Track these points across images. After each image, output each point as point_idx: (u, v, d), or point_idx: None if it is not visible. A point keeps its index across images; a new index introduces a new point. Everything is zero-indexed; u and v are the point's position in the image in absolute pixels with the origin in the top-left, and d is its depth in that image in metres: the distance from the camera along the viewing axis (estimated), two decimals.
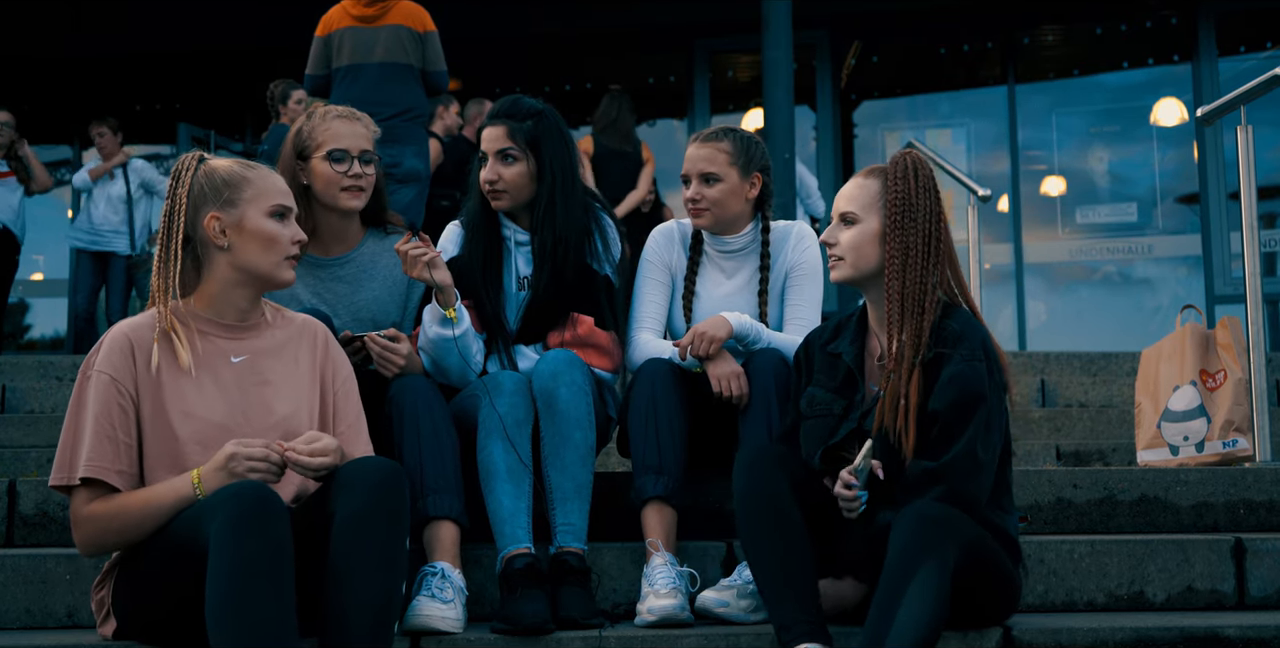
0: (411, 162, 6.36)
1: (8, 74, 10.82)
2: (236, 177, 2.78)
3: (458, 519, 3.07)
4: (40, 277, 11.24)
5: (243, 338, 2.80)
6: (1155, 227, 10.56)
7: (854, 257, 2.92)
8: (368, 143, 3.42)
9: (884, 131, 11.18)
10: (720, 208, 3.44)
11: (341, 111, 3.46)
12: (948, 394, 2.75)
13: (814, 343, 3.05)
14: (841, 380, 2.94)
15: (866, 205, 2.92)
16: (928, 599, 2.52)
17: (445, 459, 3.11)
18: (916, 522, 2.62)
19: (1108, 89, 10.97)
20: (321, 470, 2.61)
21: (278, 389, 2.78)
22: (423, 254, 3.15)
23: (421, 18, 6.43)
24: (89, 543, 2.67)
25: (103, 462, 2.63)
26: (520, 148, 3.39)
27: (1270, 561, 3.25)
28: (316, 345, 2.89)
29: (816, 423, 2.93)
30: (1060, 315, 10.83)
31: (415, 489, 3.04)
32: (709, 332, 3.25)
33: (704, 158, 3.44)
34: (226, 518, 2.41)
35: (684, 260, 3.54)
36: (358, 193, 3.39)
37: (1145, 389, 4.50)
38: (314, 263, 3.44)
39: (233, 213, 2.75)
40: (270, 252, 2.76)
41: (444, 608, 2.87)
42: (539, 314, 3.41)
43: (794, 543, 2.74)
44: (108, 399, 2.66)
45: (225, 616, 2.36)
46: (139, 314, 2.80)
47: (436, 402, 3.19)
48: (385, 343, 3.22)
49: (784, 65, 7.55)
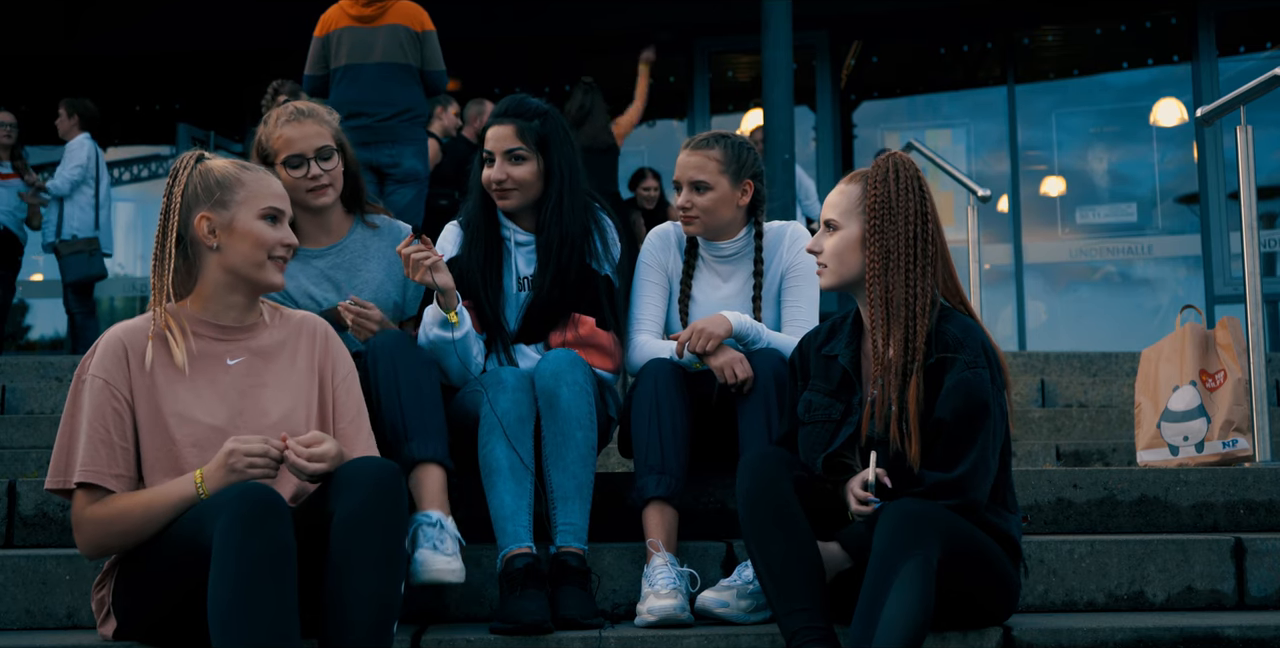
0: (411, 162, 6.36)
1: (7, 74, 10.82)
2: (230, 178, 2.77)
3: (443, 462, 3.09)
4: (40, 277, 11.24)
5: (239, 340, 2.79)
6: (1155, 227, 10.56)
7: (835, 263, 2.91)
8: (321, 138, 3.38)
9: (884, 132, 11.19)
10: (710, 216, 3.43)
11: (290, 115, 3.41)
12: (953, 403, 2.73)
13: (808, 346, 3.03)
14: (838, 383, 2.92)
15: (847, 211, 2.91)
16: (912, 596, 2.52)
17: (424, 403, 3.12)
18: (897, 520, 2.61)
19: (1108, 89, 10.97)
20: (316, 475, 2.61)
21: (274, 391, 2.78)
22: (425, 257, 3.15)
23: (420, 17, 6.43)
24: (91, 545, 2.67)
25: (97, 466, 2.63)
26: (529, 147, 3.39)
27: (1270, 561, 3.25)
28: (316, 343, 2.88)
29: (815, 429, 2.91)
30: (1060, 316, 10.83)
31: (397, 436, 3.03)
32: (708, 328, 3.25)
33: (694, 166, 3.43)
34: (231, 519, 2.41)
35: (680, 264, 3.54)
36: (324, 190, 3.40)
37: (1145, 389, 4.50)
38: (308, 255, 3.45)
39: (224, 214, 2.74)
40: (258, 253, 2.75)
41: (449, 561, 2.92)
42: (540, 314, 3.41)
43: (800, 545, 2.74)
44: (102, 403, 2.65)
45: (229, 617, 2.35)
46: (135, 317, 2.80)
47: (411, 348, 3.20)
48: (358, 310, 3.25)
49: (784, 65, 7.55)
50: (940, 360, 2.77)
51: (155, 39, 10.72)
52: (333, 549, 2.52)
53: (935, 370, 2.77)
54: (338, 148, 3.42)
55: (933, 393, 2.76)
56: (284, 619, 2.38)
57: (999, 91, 10.91)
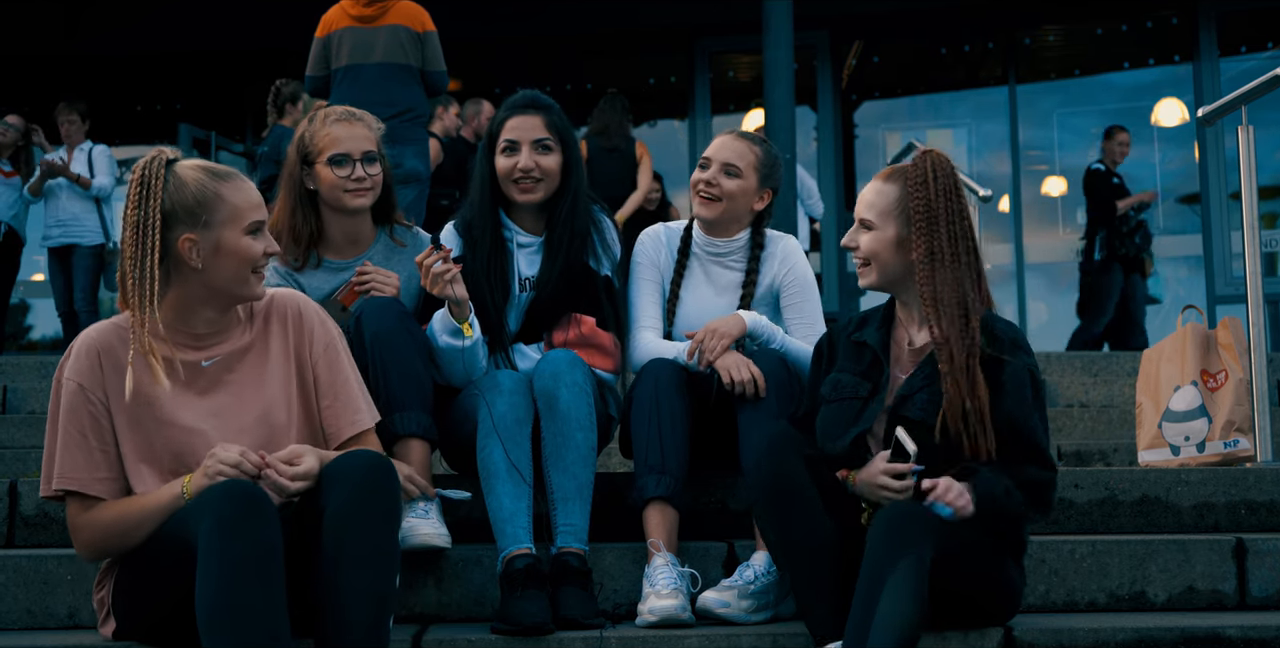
0: (412, 162, 6.36)
1: (8, 74, 10.82)
2: (209, 194, 2.64)
3: (425, 435, 3.13)
4: (41, 277, 11.23)
5: (212, 343, 2.74)
6: (1156, 226, 10.56)
7: (877, 263, 2.92)
8: (369, 143, 3.42)
9: (885, 132, 11.19)
10: (730, 202, 3.43)
11: (341, 114, 3.45)
12: (1017, 396, 2.77)
13: (838, 333, 3.05)
14: (867, 365, 2.94)
15: (885, 212, 2.91)
16: (905, 595, 2.51)
17: (410, 375, 3.14)
18: (888, 520, 2.62)
19: (1109, 89, 10.98)
20: (295, 495, 2.58)
21: (253, 387, 2.75)
22: (445, 271, 3.16)
23: (421, 18, 6.42)
24: (89, 549, 2.67)
25: (76, 472, 2.62)
26: (555, 138, 3.40)
27: (1271, 561, 3.25)
28: (288, 325, 2.80)
29: (841, 406, 2.91)
30: (1061, 315, 10.83)
31: (383, 409, 3.02)
32: (720, 328, 3.26)
33: (735, 151, 3.44)
34: (214, 520, 2.40)
35: (671, 263, 3.54)
36: (363, 193, 3.40)
37: (1146, 389, 4.49)
38: (333, 267, 3.45)
39: (208, 235, 2.63)
40: (243, 270, 2.68)
41: (437, 525, 3.04)
42: (542, 314, 3.41)
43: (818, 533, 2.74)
44: (77, 407, 2.63)
45: (216, 619, 2.35)
46: (106, 319, 2.75)
47: (404, 318, 3.22)
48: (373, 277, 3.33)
49: (785, 65, 7.55)
50: (995, 358, 2.80)
51: (155, 39, 10.72)
52: (325, 545, 2.50)
53: (989, 366, 2.79)
54: (380, 158, 3.43)
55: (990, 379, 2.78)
56: (271, 620, 2.36)
57: (1000, 91, 10.92)
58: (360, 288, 3.35)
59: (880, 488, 2.73)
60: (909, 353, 2.92)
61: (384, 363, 3.14)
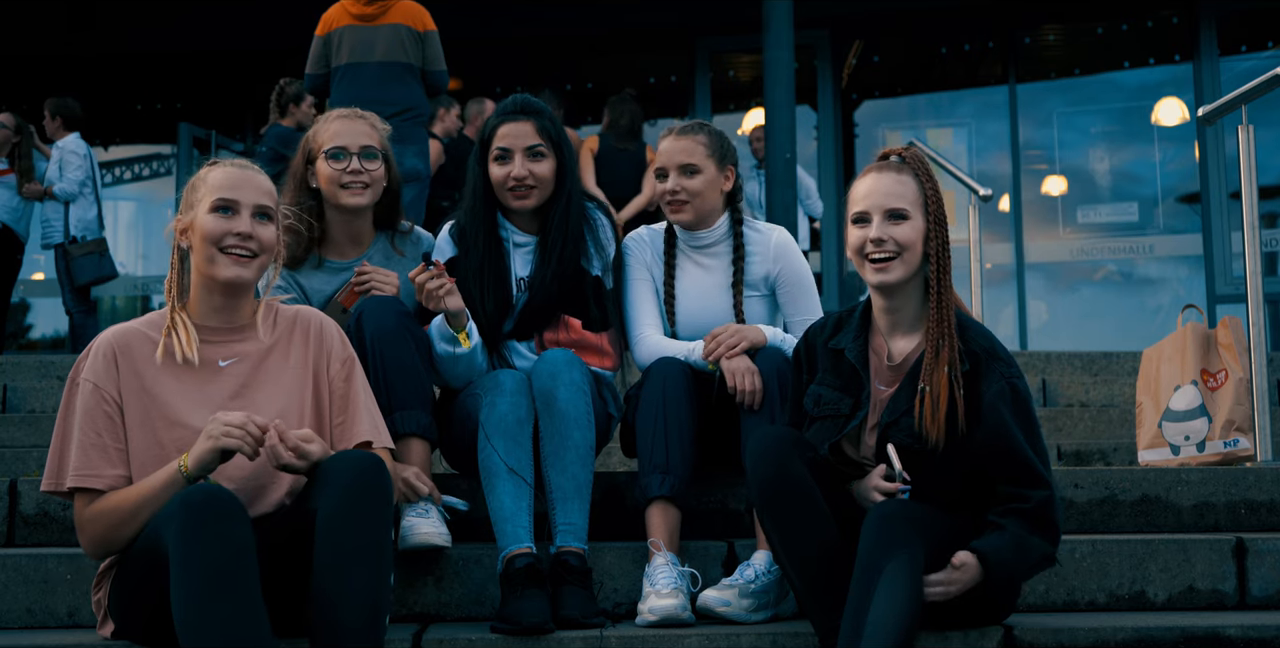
0: (412, 161, 6.35)
1: (8, 74, 10.82)
2: (198, 179, 2.79)
3: (425, 435, 3.15)
4: (41, 277, 11.24)
5: (230, 342, 2.78)
6: (1156, 226, 10.56)
7: (911, 256, 2.80)
8: (368, 139, 3.41)
9: (885, 131, 11.19)
10: (700, 200, 3.44)
11: (344, 112, 3.47)
12: (995, 419, 2.70)
13: (815, 338, 2.99)
14: (847, 378, 2.89)
15: (914, 202, 2.83)
16: (899, 594, 2.51)
17: (409, 375, 3.15)
18: (879, 520, 2.61)
19: (1109, 88, 10.97)
20: (290, 465, 2.57)
21: (268, 392, 2.77)
22: (439, 287, 3.16)
23: (421, 17, 6.42)
24: (93, 543, 2.67)
25: (90, 470, 2.65)
26: (547, 144, 3.40)
27: (1271, 560, 3.25)
28: (310, 338, 2.86)
29: (825, 424, 2.88)
30: (1061, 315, 10.83)
31: (384, 408, 3.03)
32: (744, 329, 3.29)
33: (682, 150, 3.44)
34: (179, 526, 2.40)
35: (660, 263, 3.54)
36: (360, 189, 3.39)
37: (1146, 389, 4.50)
38: (334, 268, 3.45)
39: (188, 215, 2.77)
40: (208, 247, 2.72)
41: (436, 524, 3.04)
42: (535, 314, 3.41)
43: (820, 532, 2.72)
44: (93, 407, 2.67)
45: (189, 624, 2.35)
46: (130, 320, 2.80)
47: (403, 317, 3.22)
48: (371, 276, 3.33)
49: (785, 65, 7.55)
50: (975, 368, 2.75)
51: (156, 38, 10.72)
52: (318, 546, 2.50)
53: (968, 378, 2.75)
54: (383, 158, 3.43)
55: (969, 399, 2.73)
56: (246, 620, 2.36)
57: (1000, 91, 10.91)
58: (360, 288, 3.35)
59: (873, 503, 2.74)
60: (888, 369, 2.86)
61: (384, 362, 3.15)
